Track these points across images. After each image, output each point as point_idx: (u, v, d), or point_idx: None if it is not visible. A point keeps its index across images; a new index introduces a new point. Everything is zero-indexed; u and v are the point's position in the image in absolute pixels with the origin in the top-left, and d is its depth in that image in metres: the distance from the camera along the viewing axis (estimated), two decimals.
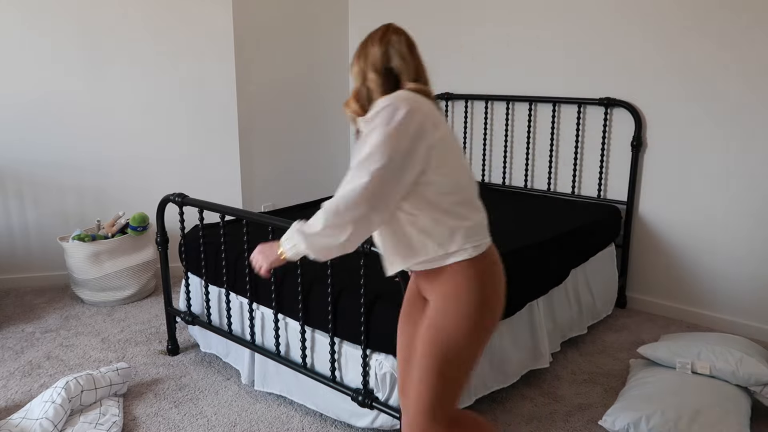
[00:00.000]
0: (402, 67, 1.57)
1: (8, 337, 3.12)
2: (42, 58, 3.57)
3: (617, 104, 3.34)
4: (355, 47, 1.66)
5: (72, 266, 3.44)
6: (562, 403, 2.52)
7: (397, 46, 1.58)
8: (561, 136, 3.65)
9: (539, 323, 2.63)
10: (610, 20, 3.34)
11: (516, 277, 2.47)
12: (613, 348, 3.00)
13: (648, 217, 3.40)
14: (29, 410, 2.30)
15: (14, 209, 3.71)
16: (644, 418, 2.17)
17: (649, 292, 3.46)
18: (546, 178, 3.75)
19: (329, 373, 2.23)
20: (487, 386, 2.38)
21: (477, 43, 3.88)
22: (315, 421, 2.38)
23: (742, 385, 2.36)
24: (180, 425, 2.37)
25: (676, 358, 2.47)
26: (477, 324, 1.50)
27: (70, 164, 3.72)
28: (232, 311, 2.61)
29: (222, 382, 2.68)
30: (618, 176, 3.46)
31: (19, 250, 3.76)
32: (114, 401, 2.46)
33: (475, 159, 4.05)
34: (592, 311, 3.13)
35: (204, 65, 3.82)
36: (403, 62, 1.57)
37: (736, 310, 3.20)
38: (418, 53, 1.61)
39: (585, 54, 3.46)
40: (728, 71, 3.03)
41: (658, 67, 3.23)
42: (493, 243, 1.62)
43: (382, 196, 1.42)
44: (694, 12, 3.08)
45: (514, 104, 3.80)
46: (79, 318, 3.34)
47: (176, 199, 2.63)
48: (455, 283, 1.51)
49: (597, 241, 3.15)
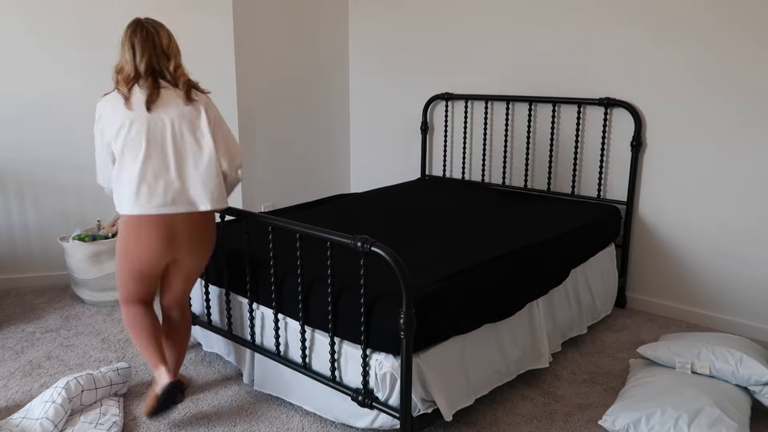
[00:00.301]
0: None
1: (8, 337, 3.12)
2: (42, 58, 3.57)
3: (617, 104, 3.34)
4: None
5: (72, 266, 3.44)
6: (562, 403, 2.52)
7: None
8: (561, 136, 3.65)
9: (539, 323, 2.63)
10: (610, 20, 3.34)
11: (516, 278, 2.48)
12: (613, 348, 3.00)
13: (648, 217, 3.40)
14: (29, 410, 2.31)
15: (14, 209, 3.71)
16: (644, 418, 2.17)
17: (649, 292, 3.47)
18: (546, 178, 3.75)
19: (329, 373, 2.23)
20: (486, 386, 2.38)
21: (477, 43, 3.89)
22: (315, 421, 2.38)
23: (742, 385, 2.36)
24: (180, 425, 2.37)
25: (676, 358, 2.48)
26: (120, 254, 2.25)
27: (70, 164, 3.72)
28: (233, 311, 2.61)
29: (222, 382, 2.68)
30: (618, 176, 3.46)
31: (19, 250, 3.76)
32: (114, 401, 2.46)
33: (475, 159, 4.05)
34: (592, 311, 3.13)
35: (204, 65, 3.81)
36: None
37: (736, 310, 3.20)
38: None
39: (585, 54, 3.46)
40: (728, 71, 3.03)
41: (658, 67, 3.23)
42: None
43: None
44: (694, 12, 3.08)
45: (514, 104, 3.80)
46: (79, 318, 3.34)
47: None
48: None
49: (597, 241, 3.15)
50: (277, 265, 2.33)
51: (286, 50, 4.18)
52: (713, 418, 2.12)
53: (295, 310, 2.29)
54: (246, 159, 4.04)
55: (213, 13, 3.76)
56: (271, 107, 4.16)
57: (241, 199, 4.03)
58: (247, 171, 4.07)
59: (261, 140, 4.13)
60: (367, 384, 2.10)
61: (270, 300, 2.40)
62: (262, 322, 2.49)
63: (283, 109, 4.24)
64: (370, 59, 4.46)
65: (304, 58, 4.30)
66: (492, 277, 2.37)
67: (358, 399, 2.11)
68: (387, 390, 2.05)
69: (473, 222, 3.02)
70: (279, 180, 4.30)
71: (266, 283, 2.39)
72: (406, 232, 2.84)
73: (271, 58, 4.09)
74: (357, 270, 2.03)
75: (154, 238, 2.18)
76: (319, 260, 2.30)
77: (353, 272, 2.11)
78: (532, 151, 3.78)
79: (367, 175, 4.67)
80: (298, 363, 2.34)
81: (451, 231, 2.86)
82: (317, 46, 4.36)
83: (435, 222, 3.02)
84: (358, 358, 2.13)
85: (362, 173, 4.71)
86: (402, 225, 2.96)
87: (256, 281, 2.45)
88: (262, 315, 2.49)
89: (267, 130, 4.16)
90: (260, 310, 2.49)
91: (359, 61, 4.53)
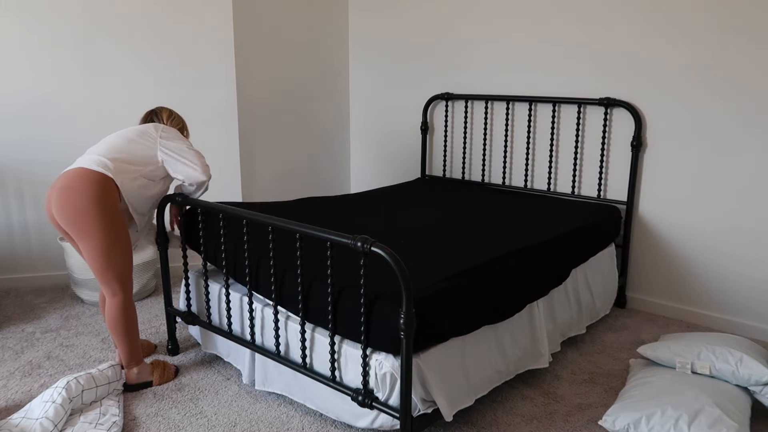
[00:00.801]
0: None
1: (8, 337, 3.12)
2: (42, 58, 3.57)
3: (617, 104, 3.35)
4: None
5: (72, 266, 3.44)
6: (562, 403, 2.52)
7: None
8: (561, 136, 3.65)
9: (539, 323, 2.63)
10: (610, 20, 3.35)
11: (518, 278, 2.48)
12: (613, 348, 3.00)
13: (648, 217, 3.40)
14: (29, 410, 2.31)
15: (14, 209, 3.71)
16: (644, 418, 2.17)
17: (649, 292, 3.47)
18: (546, 178, 3.76)
19: (329, 372, 2.23)
20: (486, 386, 2.38)
21: (477, 42, 3.89)
22: (315, 421, 2.39)
23: (742, 385, 2.36)
24: (180, 425, 2.37)
25: (676, 358, 2.48)
26: (125, 245, 2.54)
27: (70, 164, 3.71)
28: (232, 311, 2.61)
29: (222, 382, 2.68)
30: (618, 176, 3.46)
31: (19, 250, 3.76)
32: (114, 401, 2.46)
33: (475, 159, 4.05)
34: (592, 311, 3.13)
35: (204, 65, 3.82)
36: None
37: (736, 310, 3.20)
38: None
39: (585, 54, 3.46)
40: (729, 71, 3.03)
41: (658, 67, 3.23)
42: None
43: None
44: (695, 12, 3.08)
45: (514, 104, 3.81)
46: (79, 318, 3.34)
47: (177, 198, 2.63)
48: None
49: (597, 241, 3.15)
50: (277, 265, 2.34)
51: (286, 50, 4.18)
52: (713, 418, 2.12)
53: (296, 309, 2.29)
54: (246, 159, 4.05)
55: (213, 13, 3.76)
56: (271, 107, 4.16)
57: (242, 199, 4.04)
58: (247, 171, 4.07)
59: (261, 140, 4.13)
60: (367, 384, 2.10)
61: (270, 300, 2.40)
62: (262, 322, 2.49)
63: (283, 109, 4.24)
64: (370, 59, 4.46)
65: (304, 58, 4.30)
66: (493, 277, 2.37)
67: (358, 399, 2.11)
68: (387, 390, 2.05)
69: (473, 222, 3.02)
70: (279, 180, 4.30)
71: (267, 283, 2.39)
72: (406, 232, 2.83)
73: (271, 58, 4.10)
74: (357, 269, 2.03)
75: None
76: (319, 260, 2.30)
77: (353, 271, 2.11)
78: (532, 151, 3.78)
79: (367, 175, 4.68)
80: (298, 363, 2.34)
81: (451, 231, 2.86)
82: (317, 46, 4.36)
83: (435, 222, 3.02)
84: (358, 358, 2.13)
85: (362, 173, 4.71)
86: (402, 225, 2.96)
87: (257, 281, 2.45)
88: (262, 315, 2.49)
89: (267, 130, 4.16)
90: (260, 310, 2.49)
91: (359, 60, 4.53)
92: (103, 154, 2.48)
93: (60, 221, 2.42)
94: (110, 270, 2.47)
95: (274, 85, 4.15)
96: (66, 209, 2.38)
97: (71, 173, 2.41)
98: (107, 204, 2.40)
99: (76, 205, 2.37)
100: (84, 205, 2.37)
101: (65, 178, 2.41)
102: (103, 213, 2.39)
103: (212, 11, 3.76)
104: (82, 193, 2.37)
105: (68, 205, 2.37)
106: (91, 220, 2.38)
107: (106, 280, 2.49)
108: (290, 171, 4.37)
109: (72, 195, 2.37)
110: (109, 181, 2.43)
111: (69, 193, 2.37)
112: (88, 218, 2.38)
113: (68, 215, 2.38)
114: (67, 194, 2.37)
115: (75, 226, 2.39)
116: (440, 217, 3.12)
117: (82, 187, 2.37)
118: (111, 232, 2.42)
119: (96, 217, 2.38)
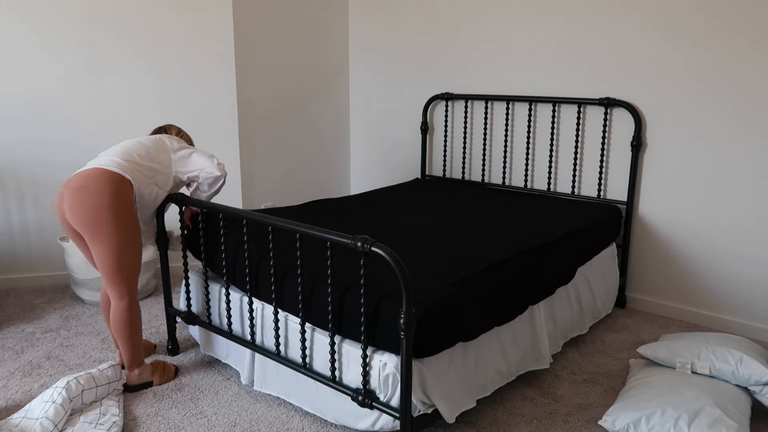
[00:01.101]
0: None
1: (8, 337, 3.12)
2: (42, 58, 3.57)
3: (617, 104, 3.35)
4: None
5: (72, 266, 3.44)
6: (562, 403, 2.52)
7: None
8: (561, 136, 3.65)
9: (540, 324, 2.63)
10: (609, 20, 3.35)
11: (525, 280, 2.47)
12: (613, 348, 3.00)
13: (648, 217, 3.40)
14: (29, 410, 2.31)
15: (14, 209, 3.71)
16: (644, 418, 2.17)
17: (649, 292, 3.47)
18: (546, 178, 3.76)
19: (329, 372, 2.23)
20: (488, 388, 2.38)
21: (477, 42, 3.89)
22: (315, 421, 2.38)
23: (742, 385, 2.36)
24: (180, 425, 2.37)
25: (676, 358, 2.48)
26: (137, 246, 2.54)
27: (70, 164, 3.72)
28: (233, 311, 2.61)
29: (222, 382, 2.68)
30: (618, 176, 3.46)
31: (19, 250, 3.76)
32: (114, 401, 2.46)
33: (475, 159, 4.05)
34: (593, 311, 3.13)
35: (204, 65, 3.82)
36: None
37: (736, 310, 3.20)
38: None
39: (585, 54, 3.46)
40: (729, 71, 3.03)
41: (658, 67, 3.23)
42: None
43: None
44: (695, 12, 3.08)
45: (514, 104, 3.81)
46: (79, 318, 3.34)
47: (177, 198, 2.63)
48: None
49: (598, 241, 3.15)
50: (277, 265, 2.33)
51: (286, 50, 4.18)
52: (713, 418, 2.12)
53: (296, 309, 2.29)
54: (246, 159, 4.05)
55: (213, 13, 3.76)
56: (271, 107, 4.16)
57: (241, 199, 4.04)
58: (247, 171, 4.07)
59: (261, 140, 4.13)
60: (368, 384, 2.10)
61: (270, 300, 2.40)
62: (262, 322, 2.49)
63: (283, 109, 4.24)
64: (370, 59, 4.46)
65: (304, 58, 4.30)
66: (501, 281, 2.35)
67: (358, 399, 2.11)
68: (390, 391, 2.05)
69: (474, 222, 3.02)
70: (279, 180, 4.30)
71: (267, 283, 2.39)
72: (406, 232, 2.83)
73: (271, 58, 4.09)
74: (358, 269, 2.03)
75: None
76: (319, 260, 2.30)
77: (355, 271, 2.10)
78: (532, 151, 3.78)
79: (366, 175, 4.68)
80: (298, 363, 2.34)
81: (452, 231, 2.86)
82: (317, 45, 4.36)
83: (435, 222, 3.02)
84: (358, 358, 2.13)
85: (362, 173, 4.71)
86: (402, 225, 2.96)
87: (257, 280, 2.44)
88: (262, 315, 2.49)
89: (267, 130, 4.16)
90: (260, 310, 2.49)
91: (359, 60, 4.53)
92: (119, 156, 2.47)
93: (72, 221, 2.39)
94: (120, 272, 2.45)
95: (273, 85, 4.15)
96: (80, 209, 2.35)
97: (86, 173, 2.39)
98: (123, 205, 2.38)
99: (91, 206, 2.34)
100: (99, 205, 2.34)
101: (79, 179, 2.38)
102: (119, 214, 2.37)
103: (212, 11, 3.76)
104: (97, 193, 2.34)
105: (82, 205, 2.35)
106: (106, 222, 2.35)
107: (114, 282, 2.46)
108: (290, 171, 4.37)
109: (87, 195, 2.35)
110: (125, 182, 2.41)
111: (84, 193, 2.35)
112: (102, 219, 2.35)
113: (82, 216, 2.35)
114: (81, 194, 2.35)
115: (88, 227, 2.36)
116: (440, 217, 3.12)
117: (98, 188, 2.35)
118: (125, 234, 2.40)
119: (111, 219, 2.36)
